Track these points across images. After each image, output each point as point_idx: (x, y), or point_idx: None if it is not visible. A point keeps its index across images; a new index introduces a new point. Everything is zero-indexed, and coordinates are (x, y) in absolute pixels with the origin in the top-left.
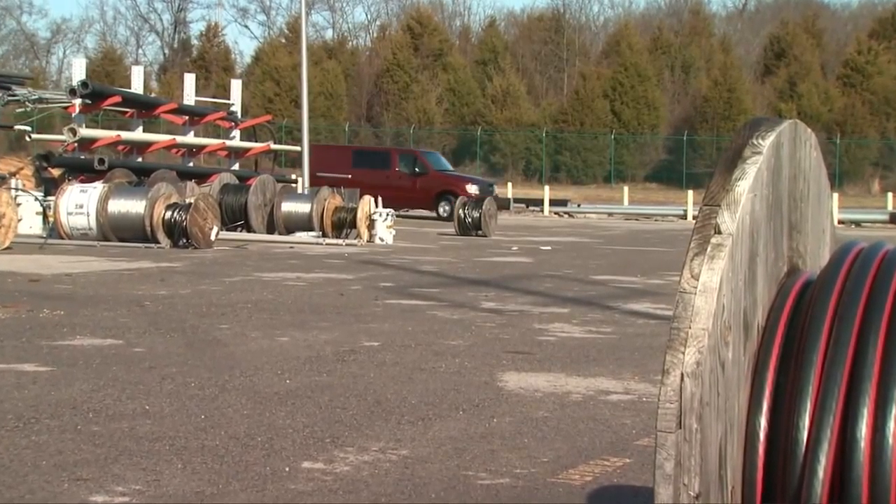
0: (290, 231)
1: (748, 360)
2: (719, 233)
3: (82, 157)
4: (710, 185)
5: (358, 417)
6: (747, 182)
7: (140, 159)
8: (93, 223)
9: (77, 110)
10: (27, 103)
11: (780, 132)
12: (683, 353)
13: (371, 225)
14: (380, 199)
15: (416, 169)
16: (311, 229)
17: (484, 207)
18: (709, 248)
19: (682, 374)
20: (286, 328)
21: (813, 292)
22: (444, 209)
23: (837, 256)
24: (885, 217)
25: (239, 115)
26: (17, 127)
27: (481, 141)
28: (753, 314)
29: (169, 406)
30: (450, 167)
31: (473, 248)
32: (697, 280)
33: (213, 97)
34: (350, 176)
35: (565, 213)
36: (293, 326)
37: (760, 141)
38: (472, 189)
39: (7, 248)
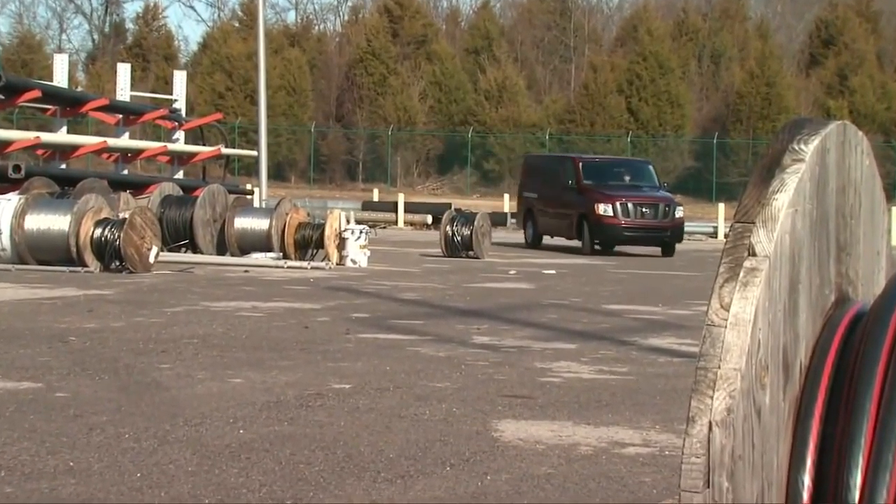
0: (244, 252)
1: (789, 405)
2: (754, 255)
3: None
4: (743, 199)
5: (325, 475)
6: (787, 195)
7: (64, 166)
8: (6, 243)
9: None
10: None
11: (826, 135)
12: (712, 398)
13: (341, 244)
14: (352, 213)
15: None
16: (270, 249)
17: (476, 224)
18: (741, 274)
19: (710, 423)
20: (240, 368)
21: (865, 325)
22: None
23: (895, 283)
24: None
25: (183, 113)
26: None
27: (472, 145)
28: (795, 351)
29: (98, 462)
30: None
31: (463, 271)
32: (728, 311)
33: (153, 92)
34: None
35: None
36: (248, 365)
37: (803, 146)
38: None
39: None
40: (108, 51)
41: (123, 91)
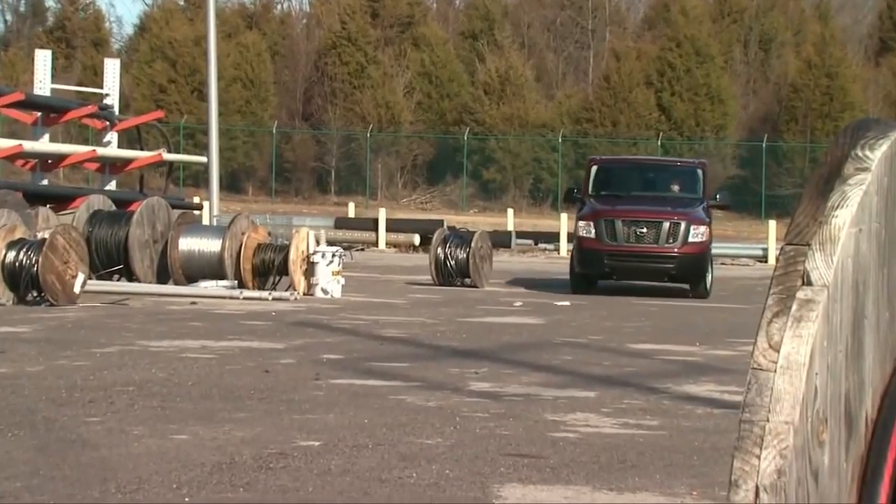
0: (191, 279)
1: (852, 466)
2: (809, 284)
3: None
4: (796, 216)
5: None
6: (849, 211)
7: None
8: None
9: None
10: None
11: None
12: (759, 458)
13: (310, 270)
14: (323, 233)
15: None
16: (223, 277)
17: (473, 245)
18: (794, 307)
19: (756, 488)
20: (185, 421)
21: None
22: None
23: None
24: None
25: (116, 110)
26: None
27: (469, 149)
28: (860, 401)
29: None
30: None
31: (458, 303)
32: (778, 352)
33: (79, 85)
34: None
35: None
36: (196, 418)
37: (868, 152)
38: None
39: None
40: (23, 34)
41: (43, 83)
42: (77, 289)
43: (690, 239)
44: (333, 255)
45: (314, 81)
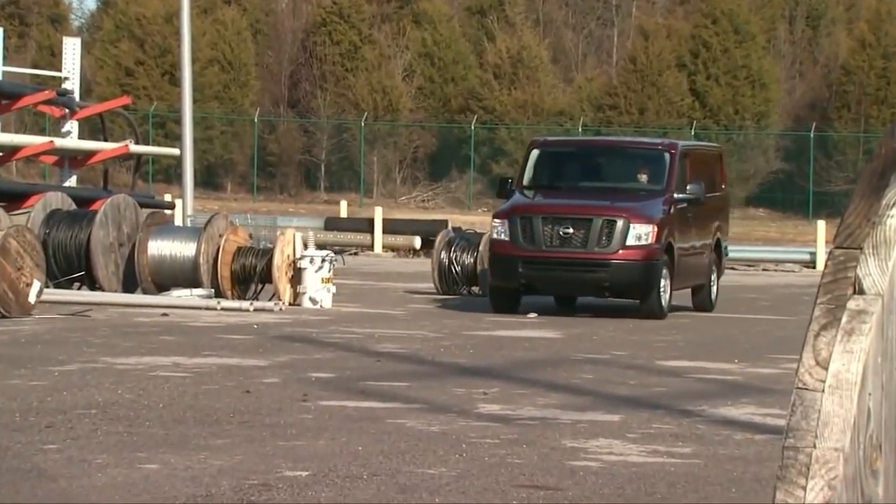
0: (162, 288)
1: None
2: (861, 292)
3: None
4: (846, 216)
5: None
6: None
7: None
8: None
9: None
10: None
11: None
12: (804, 489)
13: (297, 277)
14: (311, 234)
15: None
16: (199, 285)
17: (481, 248)
18: (844, 318)
19: None
20: (155, 449)
21: None
22: None
23: None
24: None
25: (77, 96)
26: None
27: (477, 140)
28: None
29: None
30: None
31: (464, 314)
32: (826, 369)
33: (34, 67)
34: None
35: None
36: (167, 445)
37: None
38: None
39: None
40: None
41: None
42: (32, 298)
43: (630, 241)
44: (323, 261)
45: (301, 64)
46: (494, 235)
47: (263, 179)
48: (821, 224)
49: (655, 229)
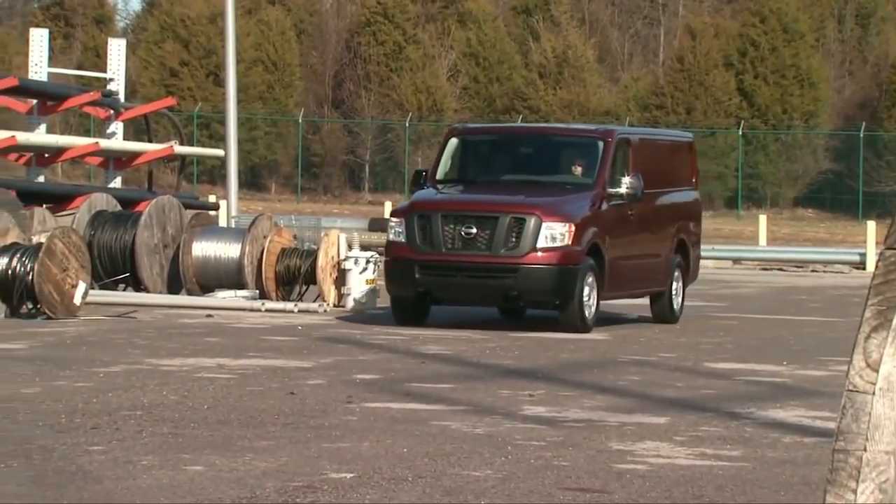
0: (206, 289)
1: None
2: None
3: None
4: None
5: None
6: None
7: None
8: None
9: None
10: None
11: None
12: (855, 493)
13: (341, 278)
14: (356, 235)
15: None
16: (243, 286)
17: None
18: (895, 321)
19: None
20: (200, 451)
21: None
22: None
23: None
24: None
25: (122, 97)
26: None
27: None
28: None
29: None
30: None
31: (511, 315)
32: (877, 371)
33: (79, 68)
34: None
35: None
36: (212, 447)
37: None
38: None
39: None
40: (16, 11)
41: (39, 67)
42: (77, 300)
43: (541, 243)
44: (367, 262)
45: (345, 64)
46: (391, 236)
47: (307, 180)
48: (871, 225)
49: (573, 228)
